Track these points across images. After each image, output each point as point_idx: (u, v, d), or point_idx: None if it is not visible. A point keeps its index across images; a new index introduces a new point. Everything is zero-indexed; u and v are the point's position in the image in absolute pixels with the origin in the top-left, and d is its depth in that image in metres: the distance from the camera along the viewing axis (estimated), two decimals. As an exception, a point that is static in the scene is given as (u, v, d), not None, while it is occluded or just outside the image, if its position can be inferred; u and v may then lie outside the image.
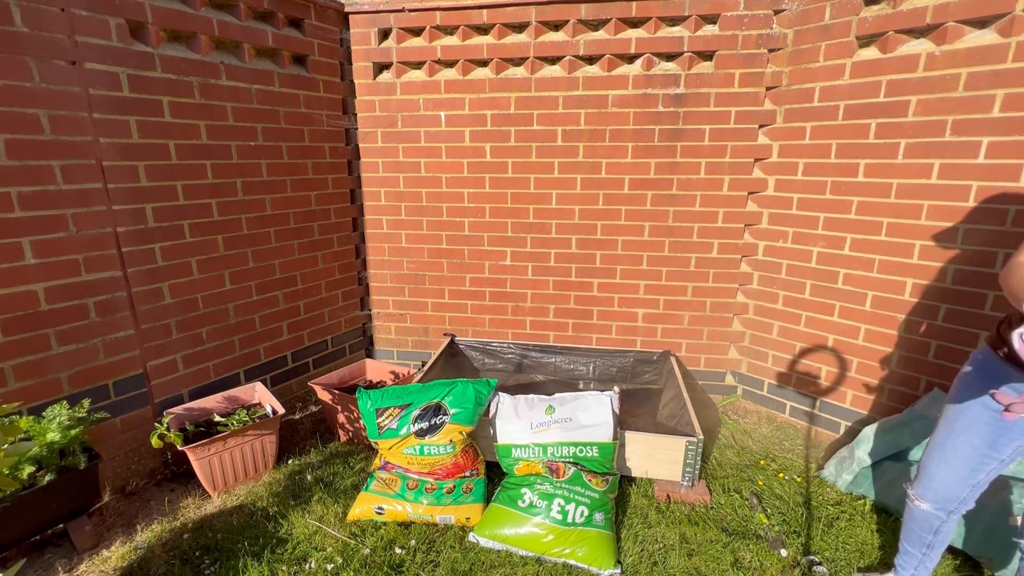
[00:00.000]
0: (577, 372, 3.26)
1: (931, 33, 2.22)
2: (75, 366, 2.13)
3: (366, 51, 3.04)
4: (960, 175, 2.22)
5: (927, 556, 1.68)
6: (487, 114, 3.02)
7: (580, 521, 1.94)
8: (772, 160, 2.83)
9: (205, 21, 2.38)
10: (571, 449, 2.15)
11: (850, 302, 2.63)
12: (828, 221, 2.64)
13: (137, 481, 2.37)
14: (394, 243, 3.37)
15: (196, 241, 2.51)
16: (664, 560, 1.94)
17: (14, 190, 1.90)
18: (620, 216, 3.06)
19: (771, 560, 1.93)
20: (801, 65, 2.62)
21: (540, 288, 3.29)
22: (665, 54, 2.79)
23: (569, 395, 2.31)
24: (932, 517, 1.62)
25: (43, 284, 2.01)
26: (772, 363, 3.02)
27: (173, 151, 2.36)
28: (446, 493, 2.14)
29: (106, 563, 1.91)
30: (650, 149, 2.92)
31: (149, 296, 2.36)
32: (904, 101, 2.31)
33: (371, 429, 2.24)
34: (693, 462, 2.22)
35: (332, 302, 3.31)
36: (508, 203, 3.16)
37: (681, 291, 3.12)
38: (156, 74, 2.26)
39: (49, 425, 1.85)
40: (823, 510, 2.21)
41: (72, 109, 2.02)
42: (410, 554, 1.95)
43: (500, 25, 2.86)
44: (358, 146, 3.23)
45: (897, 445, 2.26)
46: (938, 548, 1.68)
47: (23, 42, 1.87)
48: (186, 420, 2.42)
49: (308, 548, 1.97)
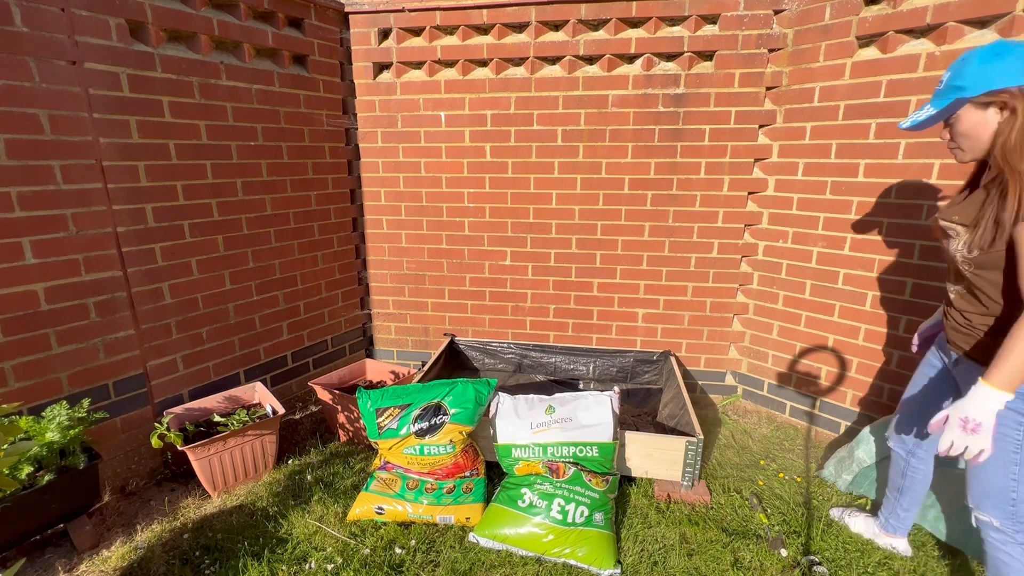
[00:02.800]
0: (577, 372, 3.26)
1: (931, 33, 2.22)
2: (75, 366, 2.13)
3: (366, 51, 3.04)
4: (960, 175, 2.22)
5: (898, 502, 1.90)
6: (487, 114, 3.02)
7: (580, 521, 1.94)
8: (772, 160, 2.83)
9: (205, 21, 2.38)
10: (571, 449, 2.15)
11: (850, 302, 2.63)
12: (828, 221, 2.64)
13: (137, 481, 2.37)
14: (394, 243, 3.37)
15: (196, 241, 2.51)
16: (664, 560, 1.94)
17: (14, 190, 1.90)
18: (620, 216, 3.06)
19: (771, 560, 1.93)
20: (801, 65, 2.62)
21: (540, 288, 3.29)
22: (665, 54, 2.79)
23: (569, 395, 2.31)
24: (898, 458, 1.87)
25: (43, 284, 2.01)
26: (772, 363, 3.02)
27: (173, 151, 2.36)
28: (446, 493, 2.14)
29: (106, 563, 1.91)
30: (650, 149, 2.92)
31: (149, 296, 2.36)
32: (904, 101, 2.31)
33: (371, 429, 2.23)
34: (693, 462, 2.22)
35: (332, 302, 3.31)
36: (508, 203, 3.16)
37: (681, 291, 3.12)
38: (156, 74, 2.26)
39: (49, 425, 1.85)
40: (823, 510, 2.21)
41: (72, 109, 2.02)
42: (410, 554, 1.95)
43: (500, 25, 2.86)
44: (358, 146, 3.23)
45: (897, 445, 2.27)
46: (907, 494, 1.87)
47: (23, 42, 1.87)
48: (186, 420, 2.42)
49: (308, 548, 1.97)
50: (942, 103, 1.34)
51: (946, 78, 1.36)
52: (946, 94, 1.34)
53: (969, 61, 1.29)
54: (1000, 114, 1.27)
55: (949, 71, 1.35)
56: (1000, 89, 1.24)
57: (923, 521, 2.06)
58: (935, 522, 2.02)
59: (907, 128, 1.44)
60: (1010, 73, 1.22)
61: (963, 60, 1.32)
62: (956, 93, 1.31)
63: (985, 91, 1.26)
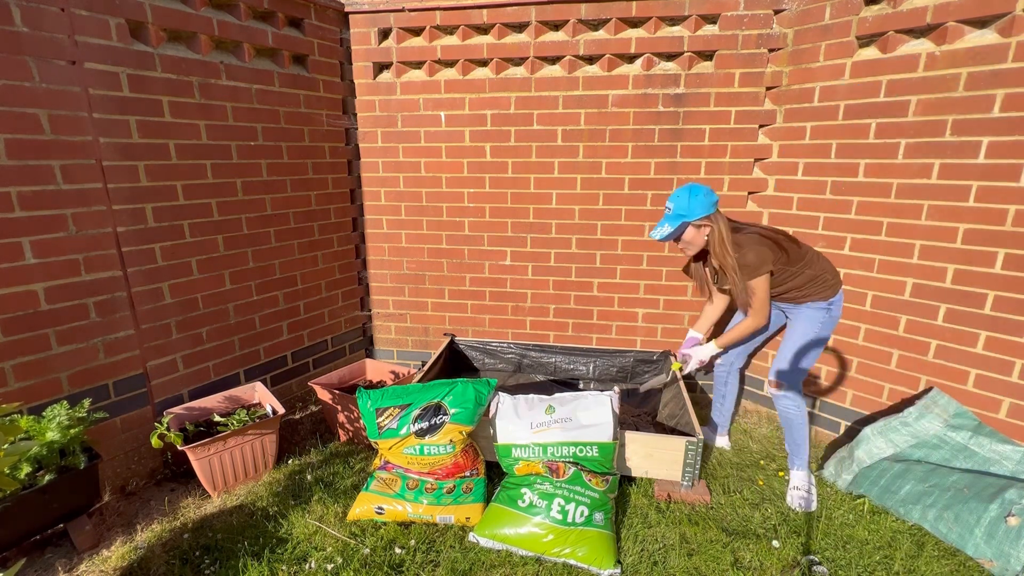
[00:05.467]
0: (577, 372, 3.26)
1: (931, 33, 2.22)
2: (75, 366, 2.13)
3: (366, 51, 3.04)
4: (960, 175, 2.22)
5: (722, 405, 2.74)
6: (487, 114, 3.02)
7: (580, 521, 1.94)
8: (772, 160, 2.83)
9: (205, 21, 2.38)
10: (571, 449, 2.15)
11: (850, 302, 2.63)
12: (828, 221, 2.64)
13: (137, 481, 2.37)
14: (394, 243, 3.37)
15: (196, 241, 2.51)
16: (664, 560, 1.94)
17: (14, 190, 1.90)
18: (620, 216, 3.06)
19: (771, 560, 1.93)
20: (801, 65, 2.62)
21: (540, 288, 3.29)
22: (665, 54, 2.79)
23: (569, 395, 2.31)
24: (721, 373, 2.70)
25: (43, 284, 2.01)
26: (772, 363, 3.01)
27: (173, 151, 2.36)
28: (446, 493, 2.14)
29: (106, 563, 1.91)
30: (650, 149, 2.92)
31: (149, 296, 2.36)
32: (904, 101, 2.31)
33: (371, 429, 2.23)
34: (693, 462, 2.22)
35: (332, 302, 3.31)
36: (508, 203, 3.16)
37: (681, 291, 3.12)
38: (156, 74, 2.26)
39: (49, 425, 1.85)
40: (823, 510, 2.21)
41: (72, 109, 2.02)
42: (410, 554, 1.95)
43: (500, 25, 2.86)
44: (358, 146, 3.23)
45: (896, 445, 2.27)
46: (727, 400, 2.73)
47: (23, 42, 1.87)
48: (186, 420, 2.42)
49: (308, 548, 1.97)
50: (675, 224, 2.14)
51: (672, 208, 2.16)
52: (674, 219, 2.15)
53: (683, 198, 2.12)
54: (705, 229, 2.16)
55: (672, 203, 2.16)
56: (705, 216, 2.12)
57: (923, 521, 2.06)
58: (935, 522, 2.02)
59: (657, 240, 2.21)
60: (705, 206, 2.11)
61: (677, 197, 2.15)
62: (681, 219, 2.14)
63: (698, 217, 2.12)
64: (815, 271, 2.22)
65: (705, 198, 2.12)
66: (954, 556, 1.95)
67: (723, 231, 2.13)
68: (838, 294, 2.26)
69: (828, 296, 2.23)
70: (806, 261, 2.21)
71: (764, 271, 2.12)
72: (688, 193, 2.13)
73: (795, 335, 2.30)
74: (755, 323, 2.23)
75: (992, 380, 2.25)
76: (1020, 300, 2.14)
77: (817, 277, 2.22)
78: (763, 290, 2.16)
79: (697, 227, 2.16)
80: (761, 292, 2.16)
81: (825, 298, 2.23)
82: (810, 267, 2.21)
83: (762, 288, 2.15)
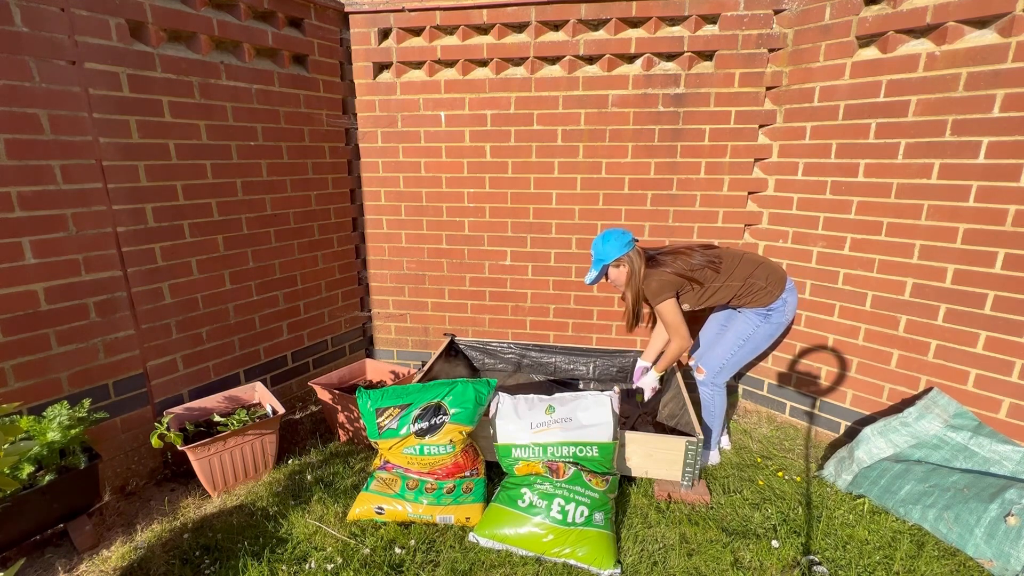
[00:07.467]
0: (577, 372, 3.26)
1: (931, 33, 2.22)
2: (75, 366, 2.13)
3: (366, 51, 3.04)
4: (960, 175, 2.22)
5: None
6: (487, 114, 3.02)
7: (580, 521, 1.94)
8: (772, 160, 2.83)
9: (205, 21, 2.38)
10: (571, 449, 2.15)
11: (850, 302, 2.63)
12: (828, 221, 2.64)
13: (137, 481, 2.37)
14: (394, 243, 3.37)
15: (196, 241, 2.51)
16: (664, 560, 1.94)
17: (14, 190, 1.90)
18: (620, 216, 3.06)
19: (771, 560, 1.93)
20: (801, 65, 2.62)
21: (540, 288, 3.29)
22: (665, 54, 2.79)
23: (569, 395, 2.31)
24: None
25: (43, 284, 2.01)
26: (772, 363, 3.02)
27: (173, 151, 2.36)
28: (446, 493, 2.14)
29: (106, 563, 1.91)
30: (650, 149, 2.92)
31: (149, 296, 2.36)
32: (904, 101, 2.31)
33: (371, 429, 2.23)
34: (693, 462, 2.22)
35: (332, 302, 3.31)
36: (508, 203, 3.16)
37: (681, 291, 3.12)
38: (156, 74, 2.26)
39: (49, 425, 1.85)
40: (823, 510, 2.21)
41: (72, 109, 2.02)
42: (410, 554, 1.95)
43: (500, 25, 2.86)
44: (358, 146, 3.23)
45: (896, 445, 2.27)
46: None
47: (23, 42, 1.87)
48: (186, 420, 2.42)
49: (308, 548, 1.97)
50: (597, 268, 2.40)
51: (593, 255, 2.41)
52: (596, 264, 2.40)
53: (599, 244, 2.37)
54: (624, 267, 2.37)
55: (593, 251, 2.42)
56: (620, 256, 2.34)
57: (923, 521, 2.06)
58: (935, 522, 2.02)
59: (587, 284, 2.57)
60: (618, 247, 2.34)
61: (595, 244, 2.40)
62: (601, 263, 2.38)
63: (614, 258, 2.35)
64: (738, 282, 2.37)
65: (617, 241, 2.34)
66: (954, 556, 1.95)
67: (636, 266, 2.35)
68: (777, 300, 2.34)
69: (765, 302, 2.35)
70: (731, 275, 2.37)
71: (665, 296, 2.31)
72: (603, 240, 2.38)
73: (729, 334, 2.48)
74: (678, 345, 2.36)
75: (992, 380, 2.25)
76: (1020, 300, 2.14)
77: (744, 287, 2.36)
78: (670, 313, 2.32)
79: (616, 266, 2.39)
80: (668, 316, 2.33)
81: (763, 304, 2.36)
82: (735, 279, 2.37)
83: (669, 312, 2.32)
